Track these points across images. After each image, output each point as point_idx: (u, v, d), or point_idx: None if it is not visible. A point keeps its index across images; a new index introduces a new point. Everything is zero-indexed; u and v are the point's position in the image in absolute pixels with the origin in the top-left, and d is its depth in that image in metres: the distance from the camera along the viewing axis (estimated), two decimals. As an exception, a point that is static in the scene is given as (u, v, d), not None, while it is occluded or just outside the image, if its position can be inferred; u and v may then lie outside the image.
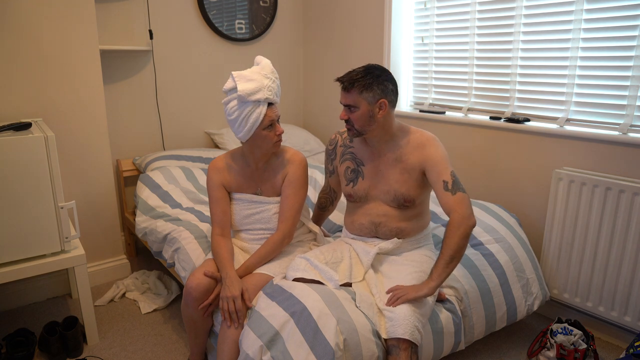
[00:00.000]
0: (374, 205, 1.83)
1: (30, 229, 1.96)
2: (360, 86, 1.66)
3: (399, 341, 1.55)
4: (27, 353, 2.00)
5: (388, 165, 1.79)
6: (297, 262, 1.76)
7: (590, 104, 2.18)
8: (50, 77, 2.37)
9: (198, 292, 1.72)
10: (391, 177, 1.78)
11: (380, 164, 1.81)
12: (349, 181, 1.88)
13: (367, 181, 1.83)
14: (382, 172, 1.81)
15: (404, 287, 1.64)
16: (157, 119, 3.11)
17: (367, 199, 1.85)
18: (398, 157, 1.77)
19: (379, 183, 1.81)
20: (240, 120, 1.74)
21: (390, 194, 1.79)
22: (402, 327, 1.54)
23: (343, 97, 1.70)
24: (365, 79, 1.65)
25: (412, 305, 1.59)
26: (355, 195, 1.86)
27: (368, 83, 1.65)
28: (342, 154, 1.91)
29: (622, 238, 2.01)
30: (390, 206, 1.81)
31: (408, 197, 1.77)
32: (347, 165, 1.89)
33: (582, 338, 1.96)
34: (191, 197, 2.62)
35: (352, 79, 1.67)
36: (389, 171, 1.79)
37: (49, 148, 1.94)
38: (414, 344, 1.56)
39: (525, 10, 2.32)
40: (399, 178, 1.77)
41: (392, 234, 1.83)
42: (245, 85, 1.71)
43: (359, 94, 1.66)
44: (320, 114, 3.62)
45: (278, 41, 3.54)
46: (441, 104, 2.84)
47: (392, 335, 1.56)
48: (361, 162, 1.85)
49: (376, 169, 1.82)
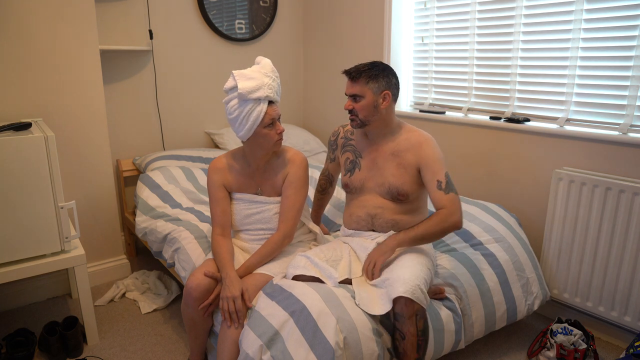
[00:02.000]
0: (370, 198, 1.89)
1: (30, 229, 1.96)
2: (367, 76, 1.76)
3: (402, 307, 1.54)
4: (27, 353, 2.00)
5: (384, 159, 1.85)
6: (298, 260, 1.77)
7: (590, 104, 2.18)
8: (50, 77, 2.37)
9: (198, 292, 1.72)
10: (387, 170, 1.84)
11: (377, 156, 1.87)
12: (347, 171, 1.95)
13: (364, 172, 1.90)
14: (378, 165, 1.87)
15: (371, 257, 1.73)
16: (157, 119, 3.11)
17: (362, 191, 1.91)
18: (395, 152, 1.83)
19: (375, 175, 1.87)
20: (241, 118, 1.74)
21: (384, 186, 1.85)
22: (403, 286, 1.55)
23: (349, 87, 1.80)
24: (371, 70, 1.76)
25: (407, 269, 1.62)
26: (352, 185, 1.93)
27: (374, 74, 1.76)
28: (343, 145, 1.99)
29: (622, 238, 2.01)
30: (385, 198, 1.87)
31: (402, 191, 1.82)
32: (347, 156, 1.96)
33: (582, 338, 1.96)
34: (191, 197, 2.62)
35: (359, 69, 1.77)
36: (385, 164, 1.85)
37: (49, 148, 1.94)
38: (419, 309, 1.56)
39: (525, 10, 2.32)
40: (394, 172, 1.83)
41: (388, 226, 1.87)
42: (245, 83, 1.71)
43: (365, 83, 1.76)
44: (320, 114, 3.62)
45: (278, 41, 3.54)
46: (441, 104, 2.84)
47: (392, 295, 1.55)
48: (359, 153, 1.92)
49: (373, 161, 1.88)
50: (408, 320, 1.56)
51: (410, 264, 1.67)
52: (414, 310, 1.56)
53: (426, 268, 1.70)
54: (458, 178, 2.72)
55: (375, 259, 1.71)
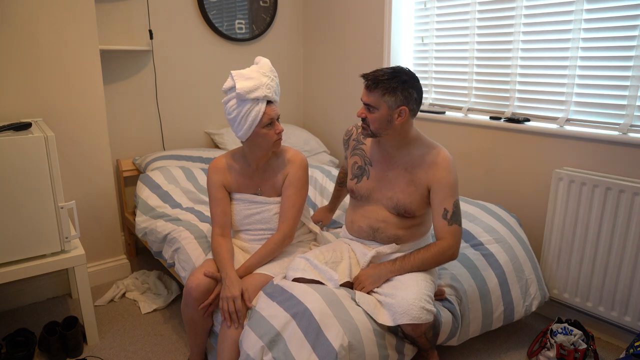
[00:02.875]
0: (375, 209, 1.81)
1: (30, 229, 1.96)
2: (384, 88, 1.60)
3: (410, 330, 1.56)
4: (27, 353, 2.00)
5: (396, 173, 1.76)
6: (297, 262, 1.76)
7: (590, 104, 2.18)
8: (50, 77, 2.37)
9: (198, 292, 1.73)
10: (397, 186, 1.75)
11: (389, 169, 1.78)
12: (354, 176, 1.87)
13: (372, 182, 1.81)
14: (388, 178, 1.78)
15: (361, 279, 1.72)
16: (157, 119, 3.11)
17: (368, 200, 1.83)
18: (408, 168, 1.73)
19: (384, 188, 1.79)
20: (239, 118, 1.74)
21: (392, 201, 1.77)
22: (408, 313, 1.53)
23: (365, 95, 1.65)
24: (390, 82, 1.59)
25: (410, 289, 1.59)
26: (357, 193, 1.85)
27: (393, 87, 1.59)
28: (353, 148, 1.90)
29: (622, 238, 2.01)
30: (390, 212, 1.79)
31: (409, 209, 1.75)
32: (355, 160, 1.87)
33: (582, 338, 1.96)
34: (191, 197, 2.62)
35: (377, 78, 1.61)
36: (396, 179, 1.76)
37: (49, 148, 1.94)
38: (427, 326, 1.57)
39: (525, 10, 2.32)
40: (404, 188, 1.74)
41: (389, 240, 1.82)
42: (243, 83, 1.71)
43: (381, 96, 1.61)
44: (320, 114, 3.62)
45: (278, 41, 3.54)
46: (441, 104, 2.84)
47: (398, 322, 1.55)
48: (370, 161, 1.82)
49: (384, 173, 1.79)
50: (418, 338, 1.61)
51: (413, 282, 1.63)
52: (422, 330, 1.57)
53: (430, 281, 1.68)
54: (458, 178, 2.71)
55: (364, 284, 1.70)
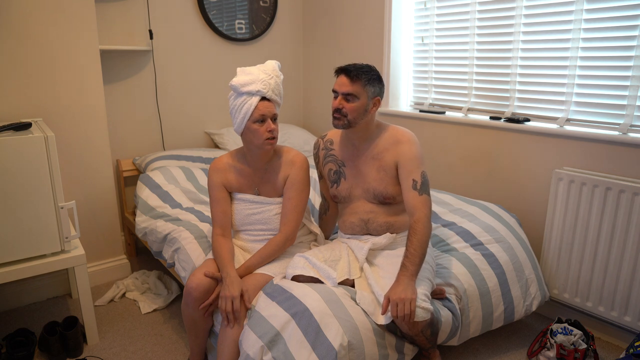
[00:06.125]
0: (360, 204, 1.87)
1: (30, 229, 1.96)
2: (367, 78, 1.69)
3: (407, 329, 1.57)
4: (27, 353, 2.00)
5: (366, 164, 1.83)
6: (296, 261, 1.77)
7: (590, 104, 2.18)
8: (50, 77, 2.37)
9: (198, 292, 1.73)
10: (369, 176, 1.82)
11: (359, 163, 1.84)
12: (332, 182, 1.92)
13: (349, 181, 1.87)
14: (361, 171, 1.84)
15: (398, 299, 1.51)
16: (157, 119, 3.11)
17: (351, 199, 1.89)
18: (375, 155, 1.81)
19: (360, 182, 1.85)
20: (234, 111, 1.80)
21: (370, 192, 1.83)
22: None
23: (345, 86, 1.69)
24: (370, 73, 1.71)
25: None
26: (340, 196, 1.90)
27: (373, 78, 1.71)
28: (324, 157, 1.95)
29: (622, 238, 2.01)
30: (373, 203, 1.85)
31: (387, 195, 1.80)
32: (330, 167, 1.93)
33: (582, 338, 1.96)
34: (191, 197, 2.62)
35: (359, 69, 1.69)
36: (367, 170, 1.82)
37: (49, 148, 1.94)
38: (424, 324, 1.57)
39: (525, 10, 2.32)
40: (375, 176, 1.80)
41: (382, 229, 1.86)
42: (241, 77, 1.78)
43: (363, 85, 1.70)
44: (320, 114, 3.62)
45: (278, 41, 3.54)
46: (441, 104, 2.84)
47: (393, 318, 1.56)
48: (342, 162, 1.89)
49: (356, 168, 1.85)
50: (415, 336, 1.61)
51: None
52: (419, 328, 1.57)
53: (426, 280, 1.69)
54: (458, 178, 2.72)
55: (404, 302, 1.50)
